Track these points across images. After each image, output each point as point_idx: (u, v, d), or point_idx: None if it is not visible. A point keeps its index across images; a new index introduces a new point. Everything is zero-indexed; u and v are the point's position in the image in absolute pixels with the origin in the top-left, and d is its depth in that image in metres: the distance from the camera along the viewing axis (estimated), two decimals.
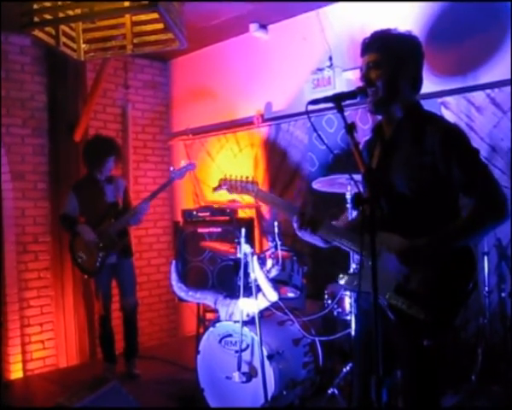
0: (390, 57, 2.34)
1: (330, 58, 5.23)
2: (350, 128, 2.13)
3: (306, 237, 2.53)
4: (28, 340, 5.64)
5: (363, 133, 4.93)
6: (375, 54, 2.36)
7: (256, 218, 5.97)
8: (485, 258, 3.99)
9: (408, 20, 4.66)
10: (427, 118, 2.40)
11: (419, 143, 2.31)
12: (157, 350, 5.99)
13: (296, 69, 5.55)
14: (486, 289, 4.00)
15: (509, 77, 4.10)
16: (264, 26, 5.75)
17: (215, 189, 2.97)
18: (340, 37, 5.20)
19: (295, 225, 2.53)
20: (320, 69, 5.24)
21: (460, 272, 2.24)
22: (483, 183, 2.25)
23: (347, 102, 2.34)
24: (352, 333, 3.80)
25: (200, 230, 5.60)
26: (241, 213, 5.92)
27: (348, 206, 4.15)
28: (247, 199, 5.07)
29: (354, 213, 3.84)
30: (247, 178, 2.84)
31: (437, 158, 2.25)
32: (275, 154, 5.85)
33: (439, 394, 2.44)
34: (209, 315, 5.43)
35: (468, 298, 2.25)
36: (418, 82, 2.44)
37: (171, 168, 5.14)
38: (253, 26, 5.68)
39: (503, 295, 4.01)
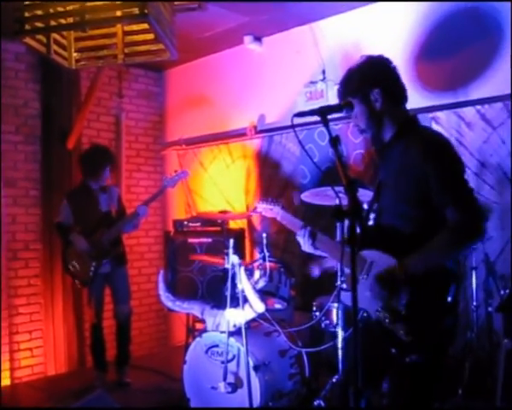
0: (356, 94, 2.42)
1: (323, 71, 5.27)
2: (334, 141, 2.15)
3: (307, 249, 2.72)
4: (16, 347, 5.61)
5: (355, 147, 4.99)
6: (345, 99, 2.45)
7: (247, 229, 5.98)
8: (474, 273, 4.00)
9: (399, 35, 4.71)
10: (415, 131, 2.42)
11: (406, 158, 2.33)
12: (146, 360, 5.96)
13: (289, 82, 5.58)
14: (474, 303, 4.01)
15: (499, 93, 4.15)
16: (258, 39, 5.78)
17: (251, 212, 3.35)
18: (333, 50, 5.23)
19: (301, 240, 2.71)
20: (313, 82, 5.29)
21: (435, 288, 2.24)
22: (460, 200, 2.24)
23: (340, 115, 2.40)
24: (339, 345, 3.81)
25: (190, 240, 5.61)
26: (232, 224, 5.92)
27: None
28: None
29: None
30: (276, 201, 3.08)
31: (419, 171, 2.26)
32: (267, 165, 5.87)
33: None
34: (198, 325, 5.41)
35: (448, 313, 2.25)
36: (397, 95, 2.48)
37: (164, 176, 5.18)
38: (247, 38, 5.71)
39: (490, 309, 4.02)
